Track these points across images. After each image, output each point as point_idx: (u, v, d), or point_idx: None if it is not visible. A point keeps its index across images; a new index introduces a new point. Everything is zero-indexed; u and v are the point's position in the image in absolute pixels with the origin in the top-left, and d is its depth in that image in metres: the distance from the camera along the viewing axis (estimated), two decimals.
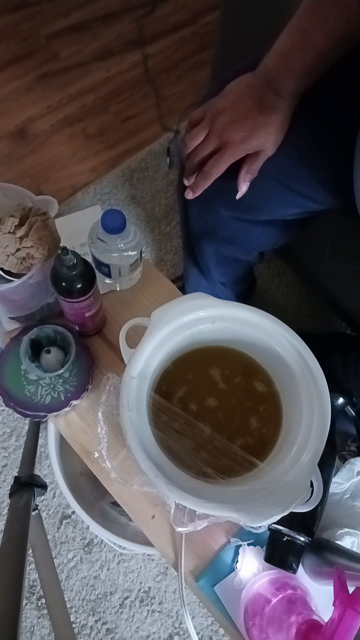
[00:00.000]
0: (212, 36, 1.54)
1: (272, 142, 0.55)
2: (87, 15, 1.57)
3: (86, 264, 0.54)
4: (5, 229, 0.55)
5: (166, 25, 1.57)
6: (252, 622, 0.53)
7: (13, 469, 1.07)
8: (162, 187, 1.33)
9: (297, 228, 0.74)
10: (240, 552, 0.58)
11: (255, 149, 0.55)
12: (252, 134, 0.54)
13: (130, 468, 0.55)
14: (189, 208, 0.75)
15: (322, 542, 0.56)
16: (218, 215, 0.69)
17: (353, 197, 0.53)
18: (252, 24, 0.81)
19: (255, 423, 0.55)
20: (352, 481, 0.61)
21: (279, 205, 0.63)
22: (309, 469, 0.48)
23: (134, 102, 1.45)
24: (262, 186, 0.60)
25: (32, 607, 0.98)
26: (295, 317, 1.22)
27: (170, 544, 0.60)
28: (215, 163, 0.56)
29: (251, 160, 0.56)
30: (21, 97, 1.44)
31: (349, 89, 0.53)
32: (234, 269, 0.91)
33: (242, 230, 0.71)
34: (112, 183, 1.33)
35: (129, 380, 0.48)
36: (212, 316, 0.53)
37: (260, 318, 0.53)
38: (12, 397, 0.59)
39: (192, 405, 0.55)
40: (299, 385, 0.52)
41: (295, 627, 0.48)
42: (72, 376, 0.60)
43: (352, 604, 0.41)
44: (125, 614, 0.99)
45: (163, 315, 0.51)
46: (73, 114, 1.43)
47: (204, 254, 0.83)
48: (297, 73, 0.50)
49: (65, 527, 1.03)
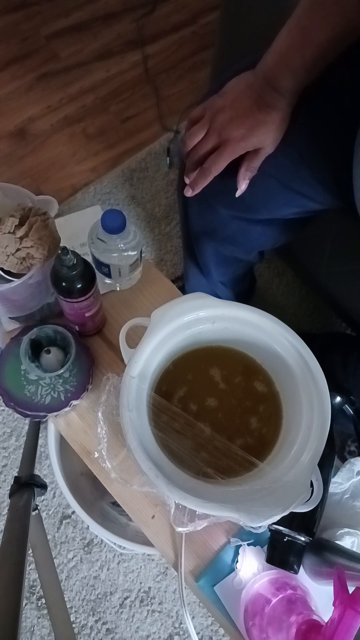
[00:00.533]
0: (212, 36, 1.54)
1: (271, 140, 0.55)
2: (87, 15, 1.57)
3: (86, 264, 0.54)
4: (5, 229, 0.55)
5: (166, 25, 1.57)
6: (252, 622, 0.53)
7: (13, 469, 1.07)
8: (162, 187, 1.33)
9: (297, 228, 0.74)
10: (240, 552, 0.58)
11: (255, 147, 0.55)
12: (252, 131, 0.54)
13: (130, 468, 0.55)
14: (189, 208, 0.75)
15: (322, 542, 0.56)
16: (218, 215, 0.69)
17: (353, 197, 0.53)
18: (252, 24, 0.81)
19: (255, 423, 0.55)
20: (352, 481, 0.61)
21: (279, 204, 0.63)
22: (309, 469, 0.48)
23: (134, 102, 1.45)
24: (262, 185, 0.60)
25: (32, 607, 0.98)
26: (295, 317, 1.22)
27: (170, 544, 0.60)
28: (214, 160, 0.56)
29: (250, 158, 0.57)
30: (21, 97, 1.44)
31: (348, 88, 0.53)
32: (234, 268, 0.91)
33: (242, 230, 0.71)
34: (112, 183, 1.33)
35: (129, 380, 0.48)
36: (212, 316, 0.53)
37: (260, 318, 0.53)
38: (12, 397, 0.59)
39: (192, 405, 0.55)
40: (299, 385, 0.52)
41: (295, 627, 0.48)
42: (72, 376, 0.60)
43: (352, 604, 0.41)
44: (125, 614, 0.99)
45: (163, 315, 0.51)
46: (73, 114, 1.43)
47: (204, 254, 0.83)
48: (297, 71, 0.50)
49: (65, 527, 1.03)
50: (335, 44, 0.48)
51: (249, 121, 0.54)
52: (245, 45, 0.83)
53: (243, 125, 0.54)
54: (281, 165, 0.58)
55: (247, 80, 0.54)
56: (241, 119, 0.54)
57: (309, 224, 0.74)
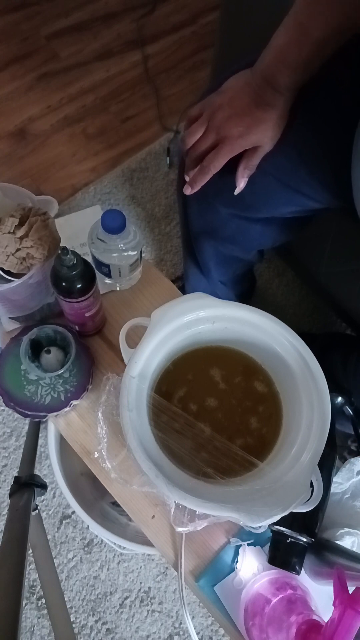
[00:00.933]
0: (212, 36, 1.54)
1: (269, 138, 0.55)
2: (87, 15, 1.57)
3: (86, 264, 0.54)
4: (5, 229, 0.55)
5: (166, 25, 1.57)
6: (252, 622, 0.53)
7: (13, 469, 1.07)
8: (162, 187, 1.33)
9: (296, 227, 0.74)
10: (240, 552, 0.58)
11: (254, 144, 0.55)
12: (250, 129, 0.54)
13: (130, 468, 0.55)
14: (189, 207, 0.75)
15: (322, 542, 0.56)
16: (218, 214, 0.69)
17: (352, 196, 0.53)
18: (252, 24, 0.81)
19: (255, 423, 0.55)
20: (352, 481, 0.61)
21: (278, 203, 0.63)
22: (309, 469, 0.48)
23: (134, 102, 1.45)
24: (261, 184, 0.60)
25: (32, 607, 0.98)
26: (295, 317, 1.22)
27: (170, 544, 0.60)
28: (213, 158, 0.56)
29: (249, 155, 0.57)
30: (21, 97, 1.44)
31: (347, 86, 0.53)
32: (234, 268, 0.91)
33: (241, 229, 0.71)
34: (112, 183, 1.33)
35: (129, 380, 0.48)
36: (212, 316, 0.53)
37: (260, 318, 0.53)
38: (12, 397, 0.59)
39: (192, 405, 0.55)
40: (299, 385, 0.52)
41: (295, 627, 0.48)
42: (72, 376, 0.60)
43: (352, 603, 0.41)
44: (125, 614, 0.99)
45: (163, 315, 0.51)
46: (73, 114, 1.43)
47: (204, 253, 0.83)
48: (295, 68, 0.50)
49: (65, 527, 1.03)
50: (333, 40, 0.48)
51: (247, 119, 0.54)
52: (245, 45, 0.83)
53: (241, 122, 0.54)
54: (280, 164, 0.58)
55: (245, 78, 0.54)
56: (239, 117, 0.54)
57: (309, 224, 0.74)
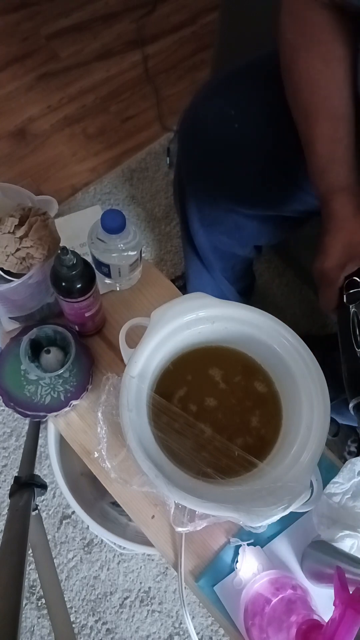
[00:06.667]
0: (212, 36, 1.54)
1: None
2: (87, 15, 1.57)
3: (86, 264, 0.54)
4: (5, 229, 0.55)
5: (166, 25, 1.57)
6: (252, 622, 0.53)
7: (13, 469, 1.07)
8: (162, 187, 1.33)
9: (292, 226, 0.75)
10: (240, 552, 0.58)
11: None
12: None
13: (130, 468, 0.55)
14: (187, 202, 0.75)
15: (322, 545, 0.56)
16: (217, 208, 0.69)
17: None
18: (252, 24, 0.81)
19: (255, 423, 0.54)
20: (352, 481, 0.61)
21: (278, 198, 0.64)
22: (309, 469, 0.48)
23: (134, 102, 1.46)
24: (262, 179, 0.61)
25: (32, 607, 0.98)
26: (295, 317, 1.22)
27: (170, 544, 0.60)
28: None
29: None
30: (21, 97, 1.44)
31: None
32: (232, 263, 0.92)
33: (238, 225, 0.72)
34: (112, 183, 1.33)
35: (129, 380, 0.48)
36: (212, 316, 0.53)
37: (260, 318, 0.53)
38: (12, 397, 0.59)
39: (192, 405, 0.55)
40: (298, 385, 0.52)
41: (296, 627, 0.48)
42: (72, 376, 0.60)
43: (352, 603, 0.41)
44: (125, 614, 0.99)
45: (163, 315, 0.51)
46: (73, 114, 1.43)
47: (204, 249, 0.83)
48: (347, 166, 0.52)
49: (65, 527, 1.03)
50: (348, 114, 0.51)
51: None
52: (245, 45, 0.83)
53: None
54: (281, 160, 0.59)
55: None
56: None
57: (309, 224, 0.74)
